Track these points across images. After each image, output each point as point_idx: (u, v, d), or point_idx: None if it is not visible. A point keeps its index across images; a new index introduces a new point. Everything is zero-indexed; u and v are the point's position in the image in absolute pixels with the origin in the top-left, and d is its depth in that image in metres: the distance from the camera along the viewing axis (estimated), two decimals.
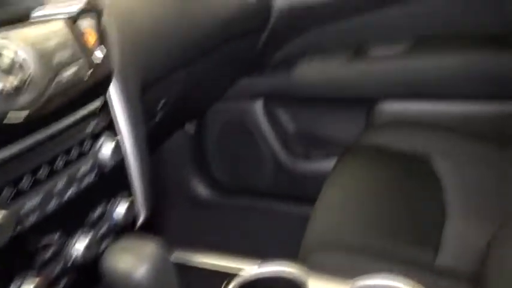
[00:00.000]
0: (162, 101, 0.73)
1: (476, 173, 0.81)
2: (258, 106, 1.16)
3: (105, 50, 0.50)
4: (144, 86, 0.59)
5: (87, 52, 0.48)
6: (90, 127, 0.49)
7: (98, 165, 0.49)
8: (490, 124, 0.99)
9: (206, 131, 1.25)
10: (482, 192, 0.77)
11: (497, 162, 0.83)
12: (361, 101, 1.10)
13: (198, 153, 1.28)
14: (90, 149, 0.48)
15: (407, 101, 1.04)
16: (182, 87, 0.79)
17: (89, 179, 0.48)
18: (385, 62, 1.01)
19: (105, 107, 0.51)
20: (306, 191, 0.99)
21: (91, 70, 0.48)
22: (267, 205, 1.26)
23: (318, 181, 0.84)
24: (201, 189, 1.30)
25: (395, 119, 1.04)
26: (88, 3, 0.50)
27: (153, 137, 0.90)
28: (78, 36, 0.48)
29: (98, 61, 0.49)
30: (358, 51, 1.07)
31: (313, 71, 1.07)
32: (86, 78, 0.47)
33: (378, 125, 0.99)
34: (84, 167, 0.47)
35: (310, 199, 0.80)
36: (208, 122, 1.23)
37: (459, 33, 1.00)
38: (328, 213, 0.76)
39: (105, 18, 0.52)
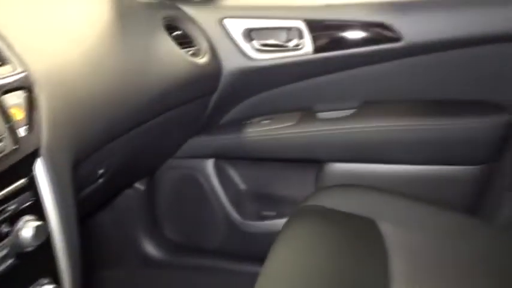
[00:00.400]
0: (101, 171, 0.72)
1: (419, 236, 0.82)
2: (209, 165, 1.16)
3: (32, 126, 0.49)
4: (77, 161, 0.57)
5: (12, 128, 0.47)
6: (12, 207, 0.47)
7: (18, 249, 0.46)
8: (431, 188, 1.02)
9: (157, 188, 1.22)
10: (425, 256, 0.78)
11: (438, 226, 0.85)
12: (311, 162, 1.11)
13: (148, 211, 1.24)
14: (9, 232, 0.46)
15: (354, 163, 1.06)
16: (123, 153, 0.77)
17: (5, 264, 0.45)
18: (332, 125, 1.04)
19: (31, 186, 0.49)
20: (257, 251, 0.98)
21: (15, 147, 0.46)
22: (218, 264, 1.23)
23: (269, 241, 0.84)
24: (151, 249, 1.26)
25: (344, 180, 1.06)
26: (17, 79, 0.49)
27: (97, 197, 0.88)
28: (2, 112, 0.46)
29: (24, 138, 0.47)
30: (307, 113, 1.10)
31: (263, 132, 1.08)
32: (9, 156, 0.46)
33: (325, 187, 1.00)
34: (1, 252, 0.45)
35: (262, 259, 0.79)
36: (159, 180, 1.21)
37: (402, 100, 1.05)
38: (276, 273, 0.75)
39: (35, 93, 0.51)
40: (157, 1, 1.00)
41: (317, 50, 0.99)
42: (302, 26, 0.98)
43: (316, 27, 0.98)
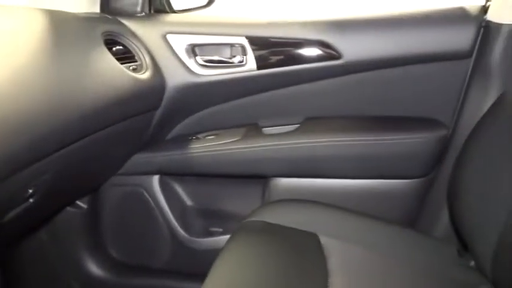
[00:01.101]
0: (30, 190, 0.68)
1: (360, 249, 0.83)
2: (155, 181, 1.13)
3: None
4: None
5: None
6: None
7: None
8: (372, 201, 1.05)
9: (101, 205, 1.18)
10: (364, 268, 0.80)
11: (379, 239, 0.87)
12: (257, 178, 1.11)
13: (91, 230, 1.20)
14: None
15: (299, 178, 1.07)
16: (56, 172, 0.74)
17: None
18: (276, 141, 1.04)
19: None
20: (204, 268, 0.97)
21: None
22: (165, 283, 1.20)
23: (215, 258, 0.83)
24: (95, 269, 1.21)
25: (289, 195, 1.06)
26: None
27: (30, 217, 0.84)
28: None
29: None
30: (252, 129, 1.10)
31: (208, 147, 1.07)
32: None
33: (270, 202, 1.01)
34: None
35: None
36: (103, 196, 1.17)
37: (344, 116, 1.08)
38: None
39: None
40: (97, 15, 0.99)
41: (260, 66, 1.00)
42: (245, 42, 1.00)
43: (260, 44, 1.00)
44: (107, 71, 0.83)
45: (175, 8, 1.14)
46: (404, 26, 0.96)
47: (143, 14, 1.05)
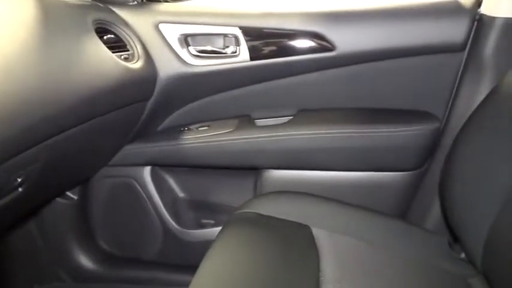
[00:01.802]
0: (19, 179, 0.67)
1: (351, 240, 0.84)
2: (146, 172, 1.12)
3: None
4: None
5: None
6: None
7: None
8: (364, 194, 1.05)
9: (91, 197, 1.17)
10: (356, 259, 0.80)
11: (370, 230, 0.87)
12: (249, 169, 1.11)
13: (81, 221, 1.19)
14: None
15: (292, 170, 1.07)
16: (45, 161, 0.73)
17: None
18: (269, 132, 1.04)
19: None
20: (196, 260, 0.96)
21: None
22: (156, 275, 1.20)
23: (207, 250, 0.82)
24: (85, 261, 1.20)
25: (282, 187, 1.06)
26: None
27: (19, 207, 0.83)
28: None
29: None
30: (244, 120, 1.10)
31: (201, 139, 1.06)
32: None
33: (262, 194, 1.00)
34: None
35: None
36: (93, 188, 1.16)
37: (337, 108, 1.07)
38: (207, 283, 0.74)
39: None
40: (88, 3, 0.97)
41: (254, 57, 1.00)
42: (238, 33, 0.99)
43: (253, 34, 0.99)
44: (98, 60, 0.82)
45: None
46: (398, 18, 0.96)
47: (135, 2, 1.04)
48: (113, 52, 0.86)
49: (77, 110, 0.74)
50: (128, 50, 0.94)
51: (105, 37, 0.89)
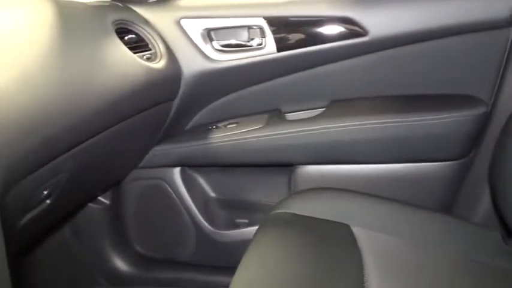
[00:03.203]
0: (45, 191, 0.66)
1: (395, 239, 0.79)
2: (176, 173, 1.10)
3: None
4: (8, 184, 0.51)
5: None
6: None
7: None
8: (406, 186, 0.99)
9: (123, 200, 1.16)
10: (401, 260, 0.75)
11: (414, 227, 0.82)
12: (282, 166, 1.07)
13: (115, 225, 1.19)
14: None
15: (327, 165, 1.02)
16: (74, 169, 0.71)
17: None
18: (301, 126, 0.99)
19: None
20: (231, 260, 0.95)
21: None
22: (192, 277, 1.18)
23: (243, 250, 0.80)
24: (121, 264, 1.20)
25: (317, 183, 1.02)
26: None
27: (49, 218, 0.82)
28: None
29: None
30: (274, 115, 1.05)
31: (230, 136, 1.03)
32: None
33: (297, 192, 0.96)
34: None
35: (235, 269, 0.75)
36: (125, 191, 1.15)
37: (371, 97, 1.01)
38: (247, 282, 0.71)
39: None
40: (108, 3, 0.94)
41: (281, 48, 0.95)
42: (263, 23, 0.94)
43: (279, 24, 0.94)
44: (120, 62, 0.79)
45: None
46: None
47: (155, 0, 1.01)
48: (135, 52, 0.84)
49: (100, 115, 0.72)
50: (150, 50, 0.91)
51: (126, 37, 0.87)
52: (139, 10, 0.95)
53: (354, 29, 0.91)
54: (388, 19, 0.90)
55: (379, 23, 0.91)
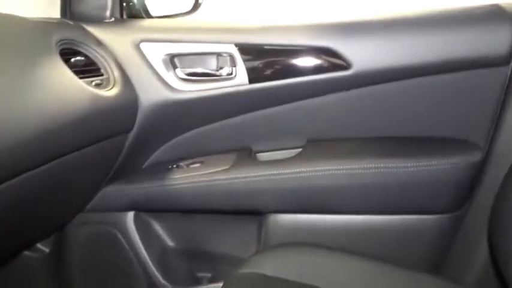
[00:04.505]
0: None
1: None
2: (129, 218, 0.98)
3: None
4: None
5: None
6: None
7: None
8: (389, 241, 0.91)
9: (66, 248, 1.02)
10: None
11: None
12: (251, 214, 0.97)
13: (55, 277, 1.04)
14: None
15: (302, 214, 0.92)
16: (3, 209, 0.62)
17: None
18: (273, 169, 0.90)
19: None
20: None
21: None
22: None
23: None
24: None
25: (290, 234, 0.92)
26: None
27: None
28: None
29: None
30: (244, 155, 0.96)
31: (193, 178, 0.93)
32: None
33: (265, 248, 0.86)
34: None
35: None
36: (68, 238, 1.02)
37: (353, 138, 0.94)
38: None
39: None
40: (55, 21, 0.84)
41: (253, 79, 0.87)
42: (234, 51, 0.86)
43: (251, 52, 0.87)
44: (62, 87, 0.70)
45: (153, 14, 1.00)
46: (426, 29, 0.83)
47: (113, 19, 0.92)
48: (81, 77, 0.74)
49: (37, 146, 0.63)
50: (101, 75, 0.82)
51: (72, 60, 0.77)
52: (93, 30, 0.86)
53: (335, 61, 0.84)
54: (374, 52, 0.83)
55: (364, 56, 0.83)
